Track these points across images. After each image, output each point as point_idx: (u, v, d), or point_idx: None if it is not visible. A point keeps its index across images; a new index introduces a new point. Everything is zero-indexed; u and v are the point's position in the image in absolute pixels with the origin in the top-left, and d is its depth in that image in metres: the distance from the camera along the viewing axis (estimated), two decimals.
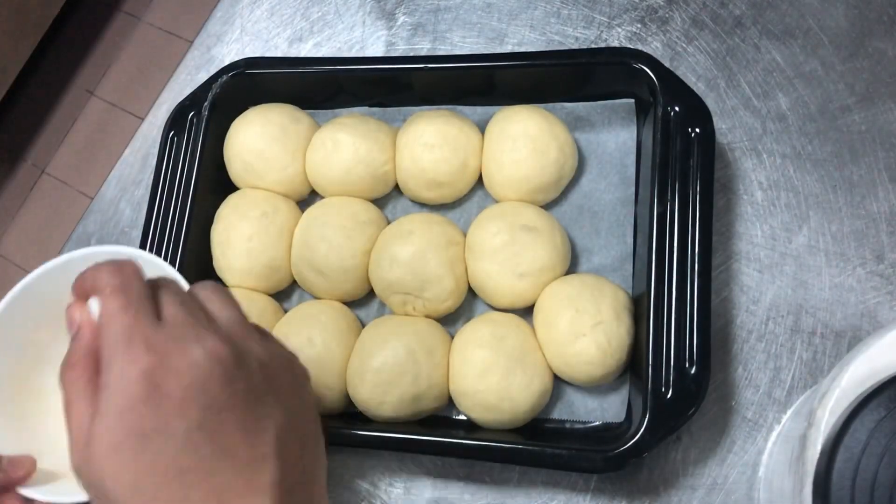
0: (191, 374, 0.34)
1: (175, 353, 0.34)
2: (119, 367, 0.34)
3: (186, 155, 0.68)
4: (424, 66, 0.66)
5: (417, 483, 0.61)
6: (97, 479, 0.33)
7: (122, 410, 0.33)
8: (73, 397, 0.35)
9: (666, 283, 0.55)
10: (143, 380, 0.33)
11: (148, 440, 0.33)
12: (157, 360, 0.34)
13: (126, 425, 0.33)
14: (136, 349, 0.34)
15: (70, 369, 0.36)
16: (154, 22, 1.83)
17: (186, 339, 0.35)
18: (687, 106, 0.59)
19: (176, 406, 0.33)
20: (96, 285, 0.37)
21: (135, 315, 0.35)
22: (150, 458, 0.33)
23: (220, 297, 0.39)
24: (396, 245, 0.61)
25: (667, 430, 0.52)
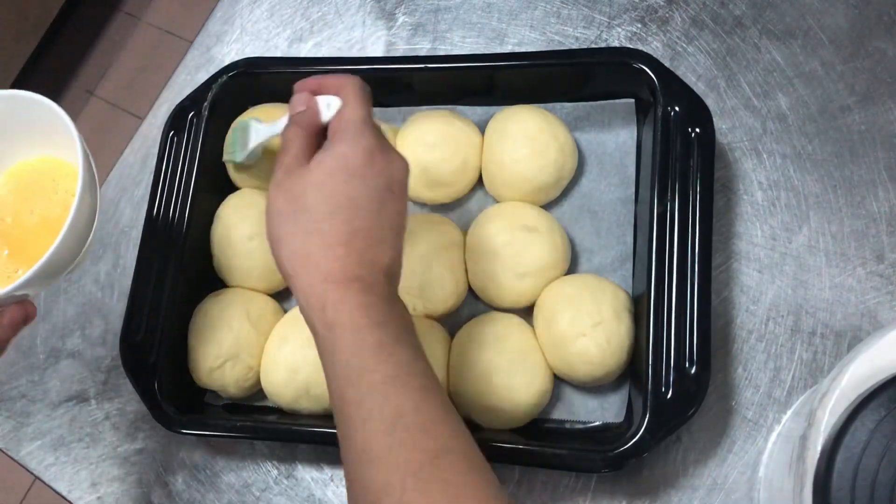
0: (389, 164, 0.47)
1: (387, 149, 0.48)
2: (355, 130, 0.47)
3: (186, 155, 0.68)
4: (424, 66, 0.66)
5: None
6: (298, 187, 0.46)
7: (346, 156, 0.46)
8: (291, 144, 0.49)
9: (666, 283, 0.55)
10: (366, 149, 0.47)
11: (352, 178, 0.46)
12: (378, 144, 0.47)
13: (344, 164, 0.46)
14: (368, 131, 0.47)
15: (292, 129, 0.50)
16: (154, 22, 1.83)
17: (391, 149, 0.48)
18: (687, 106, 0.59)
19: (376, 172, 0.46)
20: (345, 82, 0.50)
21: (369, 113, 0.49)
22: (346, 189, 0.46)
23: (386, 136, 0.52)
24: None
25: (667, 430, 0.52)
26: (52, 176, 0.55)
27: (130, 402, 0.69)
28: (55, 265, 0.49)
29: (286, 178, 0.47)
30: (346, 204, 0.45)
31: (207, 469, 0.65)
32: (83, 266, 0.54)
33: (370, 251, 0.46)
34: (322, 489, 0.63)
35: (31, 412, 0.72)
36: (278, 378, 0.61)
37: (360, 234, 0.45)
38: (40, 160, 0.56)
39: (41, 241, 0.52)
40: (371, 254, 0.46)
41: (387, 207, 0.47)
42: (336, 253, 0.45)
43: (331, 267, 0.45)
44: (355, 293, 0.44)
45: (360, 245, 0.45)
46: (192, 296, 0.66)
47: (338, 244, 0.45)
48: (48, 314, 0.75)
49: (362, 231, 0.45)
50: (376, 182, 0.46)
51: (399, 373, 0.43)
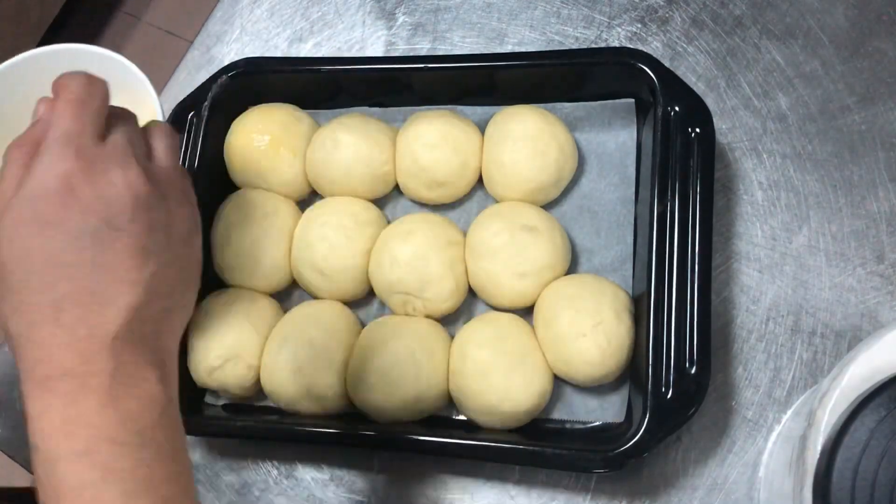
0: (104, 190, 0.38)
1: (98, 169, 0.38)
2: (48, 160, 0.37)
3: (186, 155, 0.68)
4: (424, 66, 0.66)
5: (417, 483, 0.61)
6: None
7: (35, 196, 0.37)
8: (6, 172, 0.39)
9: (666, 283, 0.55)
10: (62, 179, 0.37)
11: (45, 227, 0.37)
12: (80, 167, 0.37)
13: (33, 209, 0.37)
14: (68, 152, 0.37)
15: (16, 148, 0.40)
16: (154, 22, 1.83)
17: (114, 162, 0.39)
18: (687, 106, 0.59)
19: (80, 210, 0.37)
20: (64, 87, 0.40)
21: (82, 126, 0.38)
22: (41, 243, 0.36)
23: (168, 141, 0.44)
24: (396, 245, 0.61)
25: (667, 430, 0.52)
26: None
27: None
28: None
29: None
30: (44, 266, 0.36)
31: (207, 469, 0.65)
32: None
33: (84, 324, 0.36)
34: (322, 489, 0.63)
35: None
36: (278, 378, 0.61)
37: (68, 303, 0.36)
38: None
39: None
40: (86, 329, 0.36)
41: (108, 250, 0.37)
42: (35, 336, 0.36)
43: (32, 357, 0.36)
44: (57, 399, 0.35)
45: (70, 319, 0.36)
46: None
47: (40, 323, 0.36)
48: None
49: (69, 297, 0.36)
50: (83, 222, 0.36)
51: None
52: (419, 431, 0.59)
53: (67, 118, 0.38)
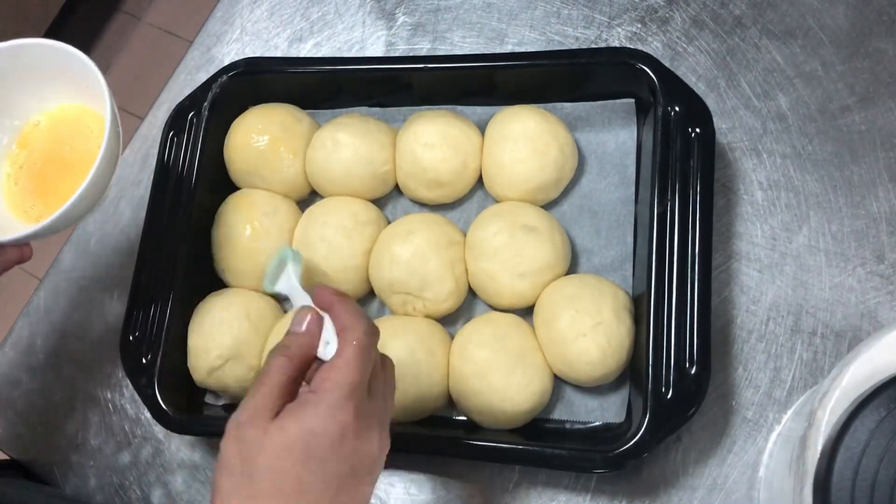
0: (363, 445, 0.42)
1: (365, 427, 0.42)
2: (332, 404, 0.41)
3: (186, 155, 0.68)
4: (424, 66, 0.66)
5: (417, 483, 0.61)
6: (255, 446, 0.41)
7: (312, 433, 0.41)
8: (269, 378, 0.43)
9: (666, 283, 0.55)
10: (339, 427, 0.41)
11: (310, 461, 0.41)
12: (354, 422, 0.42)
13: (306, 442, 0.41)
14: (350, 405, 0.42)
15: (284, 356, 0.44)
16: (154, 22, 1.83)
17: (376, 422, 0.43)
18: (687, 106, 0.59)
19: (341, 456, 0.41)
20: (353, 330, 0.44)
21: (362, 379, 0.43)
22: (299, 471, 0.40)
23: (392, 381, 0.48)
24: (396, 245, 0.61)
25: (667, 430, 0.52)
26: (83, 124, 0.60)
27: (130, 402, 0.69)
28: (74, 212, 0.53)
29: (248, 424, 0.42)
30: (293, 488, 0.40)
31: (207, 469, 0.65)
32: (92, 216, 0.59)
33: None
34: None
35: (30, 412, 0.72)
36: None
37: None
38: (74, 107, 0.60)
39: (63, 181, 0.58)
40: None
41: (345, 493, 0.41)
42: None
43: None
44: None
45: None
46: (193, 296, 0.66)
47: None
48: (48, 314, 0.75)
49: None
50: (338, 467, 0.41)
51: None
52: (419, 431, 0.59)
53: (355, 370, 0.42)
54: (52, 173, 0.59)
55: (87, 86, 0.56)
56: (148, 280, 0.65)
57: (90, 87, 0.55)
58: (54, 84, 0.59)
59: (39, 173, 0.60)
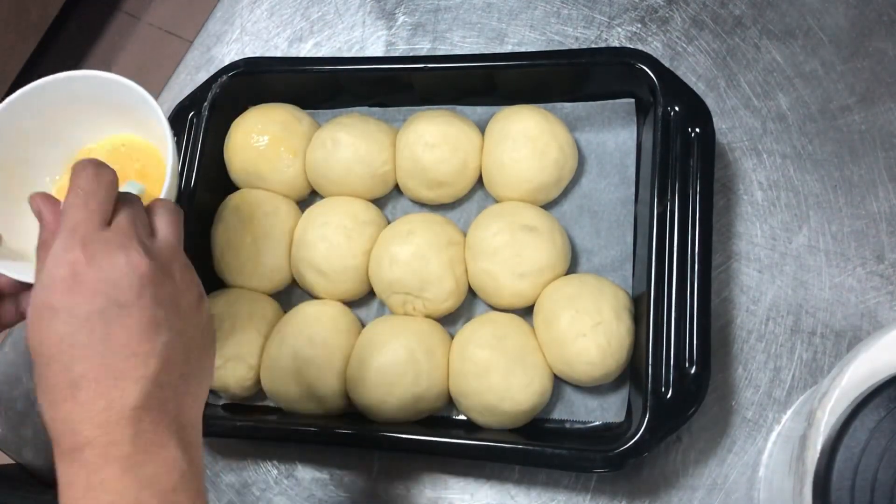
0: (108, 273, 0.40)
1: (102, 254, 0.40)
2: (55, 251, 0.40)
3: (186, 155, 0.68)
4: (424, 66, 0.66)
5: (417, 483, 0.61)
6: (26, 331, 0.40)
7: (46, 286, 0.40)
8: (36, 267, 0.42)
9: (666, 283, 0.55)
10: (67, 267, 0.40)
11: (55, 313, 0.39)
12: (85, 256, 0.40)
13: (43, 298, 0.40)
14: (74, 242, 0.40)
15: (40, 248, 0.43)
16: (154, 22, 1.83)
17: (117, 246, 0.41)
18: (687, 106, 0.59)
19: (86, 293, 0.39)
20: (74, 179, 0.42)
21: (87, 216, 0.41)
22: (53, 328, 0.39)
23: (169, 216, 0.46)
24: (396, 245, 0.61)
25: (667, 430, 0.52)
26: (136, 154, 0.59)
27: None
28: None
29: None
30: (59, 350, 0.38)
31: (207, 469, 0.65)
32: None
33: (100, 398, 0.38)
34: (322, 489, 0.63)
35: (30, 413, 0.72)
36: (278, 378, 0.61)
37: (85, 381, 0.38)
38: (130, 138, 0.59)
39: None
40: (103, 402, 0.38)
41: (118, 327, 0.39)
42: (57, 414, 0.38)
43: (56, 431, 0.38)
44: (83, 473, 0.37)
45: (87, 394, 0.38)
46: None
47: (61, 400, 0.38)
48: None
49: (86, 375, 0.38)
50: (90, 305, 0.39)
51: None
52: (419, 431, 0.59)
53: (75, 210, 0.41)
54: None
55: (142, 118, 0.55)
56: None
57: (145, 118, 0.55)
58: (109, 115, 0.58)
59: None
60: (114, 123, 0.58)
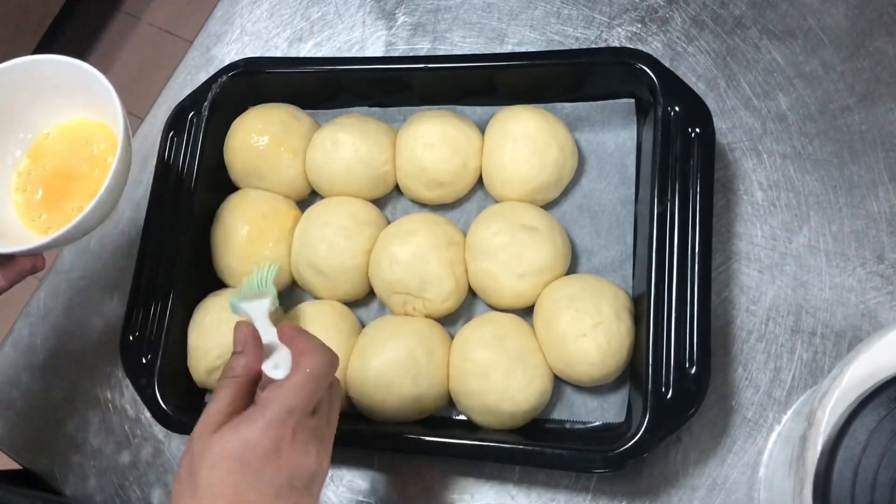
0: (300, 458, 0.44)
1: (302, 441, 0.44)
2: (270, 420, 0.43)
3: (186, 155, 0.68)
4: (424, 66, 0.66)
5: (417, 483, 0.61)
6: (198, 457, 0.43)
7: (248, 443, 0.43)
8: (222, 392, 0.46)
9: (666, 283, 0.55)
10: (274, 442, 0.43)
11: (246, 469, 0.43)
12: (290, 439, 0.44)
13: (241, 453, 0.43)
14: (289, 423, 0.44)
15: (228, 377, 0.47)
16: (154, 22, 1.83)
17: (316, 438, 0.45)
18: (687, 106, 0.59)
19: (277, 467, 0.43)
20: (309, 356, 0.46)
21: (306, 403, 0.45)
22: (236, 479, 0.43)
23: (337, 405, 0.50)
24: (396, 245, 0.61)
25: (667, 430, 0.52)
26: (92, 137, 0.61)
27: (130, 402, 0.69)
28: (86, 224, 0.54)
29: (196, 438, 0.45)
30: (229, 496, 0.42)
31: None
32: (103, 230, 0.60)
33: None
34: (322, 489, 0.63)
35: (30, 412, 0.72)
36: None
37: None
38: (86, 121, 0.61)
39: (72, 193, 0.59)
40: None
41: (282, 502, 0.43)
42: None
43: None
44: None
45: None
46: (193, 296, 0.66)
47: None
48: (48, 314, 0.75)
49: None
50: (275, 478, 0.43)
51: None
52: (419, 431, 0.59)
53: (301, 395, 0.44)
54: (61, 184, 0.60)
55: (98, 100, 0.57)
56: (148, 280, 0.65)
57: (102, 101, 0.56)
58: (66, 98, 0.60)
59: (48, 184, 0.61)
60: (69, 107, 0.61)
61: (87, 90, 0.57)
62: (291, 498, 0.44)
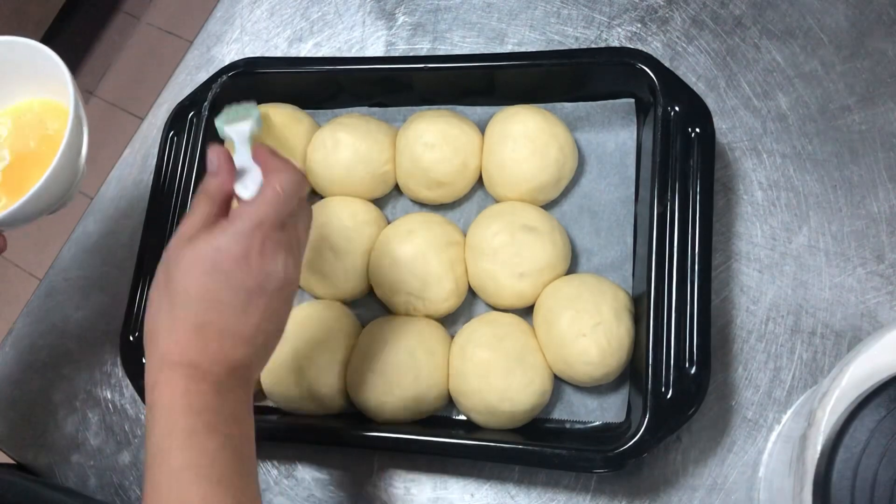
0: (268, 266, 0.46)
1: (272, 252, 0.46)
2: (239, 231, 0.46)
3: (186, 155, 0.68)
4: (424, 66, 0.66)
5: (417, 483, 0.61)
6: (174, 264, 0.46)
7: (219, 249, 0.45)
8: (195, 212, 0.48)
9: (666, 283, 0.55)
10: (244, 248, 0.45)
11: (217, 272, 0.45)
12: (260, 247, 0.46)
13: (214, 257, 0.45)
14: (257, 234, 0.46)
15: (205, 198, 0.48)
16: (154, 22, 1.83)
17: (284, 250, 0.47)
18: (687, 106, 0.59)
19: (246, 271, 0.45)
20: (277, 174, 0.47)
21: (275, 216, 0.47)
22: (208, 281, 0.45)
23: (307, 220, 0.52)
24: (396, 245, 0.61)
25: (667, 430, 0.52)
26: (47, 117, 0.60)
27: (130, 401, 0.69)
28: (39, 202, 0.54)
29: (171, 248, 0.47)
30: (202, 296, 0.45)
31: None
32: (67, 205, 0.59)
33: (217, 344, 0.45)
34: (322, 489, 0.63)
35: (31, 413, 0.72)
36: (278, 378, 0.61)
37: (211, 328, 0.45)
38: (39, 102, 0.61)
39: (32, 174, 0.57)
40: (218, 347, 0.46)
41: (254, 307, 0.46)
42: (177, 337, 0.45)
43: (168, 349, 0.45)
44: (182, 377, 0.44)
45: (208, 337, 0.45)
46: None
47: (183, 330, 0.45)
48: (48, 314, 0.75)
49: (213, 324, 0.45)
50: (245, 281, 0.46)
51: (200, 462, 0.43)
52: (419, 431, 0.59)
53: (269, 210, 0.46)
54: (20, 167, 0.60)
55: (52, 79, 0.56)
56: (148, 280, 0.65)
57: (55, 80, 0.56)
58: (18, 79, 0.59)
59: (8, 168, 0.60)
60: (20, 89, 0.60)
61: (36, 69, 0.57)
62: (262, 299, 0.46)
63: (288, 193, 0.47)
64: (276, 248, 0.47)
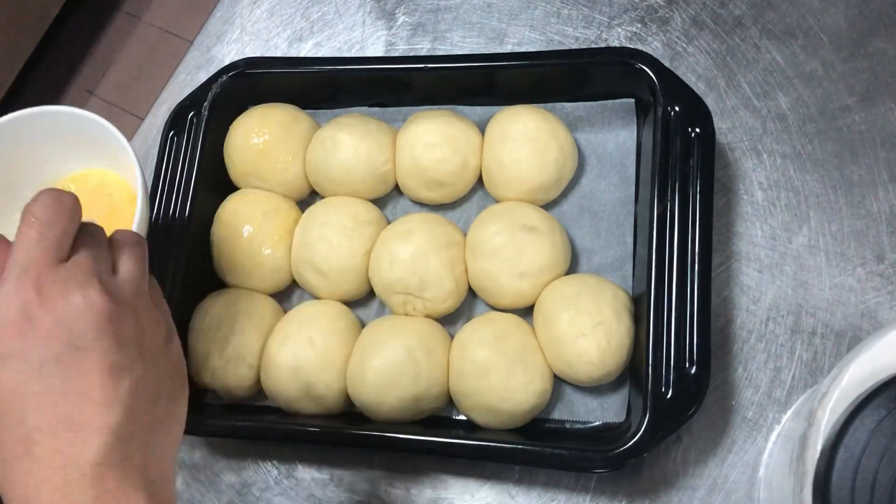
0: (63, 314, 0.36)
1: (58, 294, 0.37)
2: (5, 291, 0.36)
3: (186, 155, 0.68)
4: (424, 66, 0.66)
5: (417, 483, 0.61)
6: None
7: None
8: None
9: (666, 283, 0.55)
10: (19, 309, 0.36)
11: (5, 360, 0.36)
12: (38, 296, 0.36)
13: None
14: (26, 281, 0.36)
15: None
16: (154, 22, 1.83)
17: (75, 284, 0.37)
18: (687, 106, 0.59)
19: (39, 337, 0.36)
20: (29, 211, 0.39)
21: (42, 252, 0.37)
22: (4, 378, 0.35)
23: (132, 250, 0.43)
24: (396, 245, 0.61)
25: (667, 430, 0.52)
26: (105, 188, 0.62)
27: None
28: None
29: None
30: (11, 402, 0.35)
31: (207, 469, 0.65)
32: None
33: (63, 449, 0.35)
34: (322, 489, 0.63)
35: None
36: (279, 378, 0.61)
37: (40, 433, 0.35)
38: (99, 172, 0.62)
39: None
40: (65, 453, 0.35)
41: (75, 373, 0.36)
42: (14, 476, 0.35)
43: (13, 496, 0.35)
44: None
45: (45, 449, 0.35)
46: (192, 296, 0.66)
47: (15, 459, 0.35)
48: None
49: (41, 428, 0.35)
50: (45, 350, 0.35)
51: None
52: (419, 431, 0.59)
53: (28, 245, 0.37)
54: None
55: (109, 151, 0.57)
56: None
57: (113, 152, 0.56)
58: (76, 148, 0.60)
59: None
60: (86, 158, 0.60)
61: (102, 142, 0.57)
62: (86, 356, 0.36)
63: (43, 220, 0.38)
64: (62, 287, 0.37)
